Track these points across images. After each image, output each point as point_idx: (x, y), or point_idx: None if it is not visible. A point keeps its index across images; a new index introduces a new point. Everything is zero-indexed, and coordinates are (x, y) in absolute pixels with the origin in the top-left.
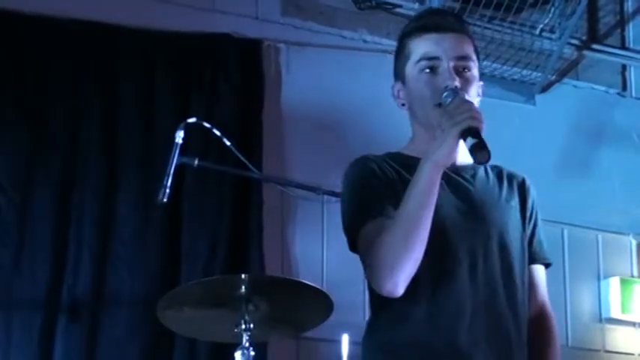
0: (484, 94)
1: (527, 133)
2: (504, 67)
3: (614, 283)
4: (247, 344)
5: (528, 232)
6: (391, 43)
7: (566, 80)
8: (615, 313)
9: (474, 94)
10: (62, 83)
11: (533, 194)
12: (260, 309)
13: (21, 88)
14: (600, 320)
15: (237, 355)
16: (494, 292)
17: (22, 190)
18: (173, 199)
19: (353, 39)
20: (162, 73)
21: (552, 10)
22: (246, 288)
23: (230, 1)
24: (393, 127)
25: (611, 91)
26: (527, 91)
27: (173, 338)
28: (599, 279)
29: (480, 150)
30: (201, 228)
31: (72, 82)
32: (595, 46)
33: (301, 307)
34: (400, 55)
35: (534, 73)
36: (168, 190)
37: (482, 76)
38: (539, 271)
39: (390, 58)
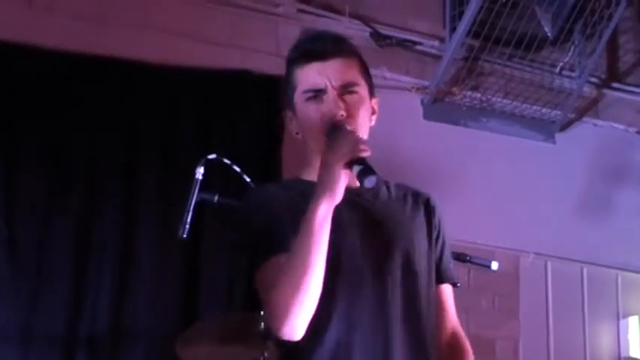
0: (504, 132)
1: (546, 171)
2: (524, 106)
3: (634, 322)
4: None
5: (437, 251)
6: (411, 80)
7: (585, 119)
8: (634, 352)
9: (365, 115)
10: (83, 119)
11: (439, 213)
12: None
13: (42, 123)
14: (619, 359)
15: None
16: (399, 316)
17: (41, 225)
18: (192, 235)
19: (374, 76)
20: (183, 109)
21: (572, 48)
22: (265, 324)
23: (250, 38)
24: (413, 161)
25: (631, 130)
26: (546, 129)
27: None
28: (618, 318)
29: (366, 175)
30: (220, 264)
31: (93, 118)
32: (615, 85)
33: None
34: (287, 83)
35: (554, 112)
36: (188, 226)
37: (502, 114)
38: (447, 291)
39: (410, 95)
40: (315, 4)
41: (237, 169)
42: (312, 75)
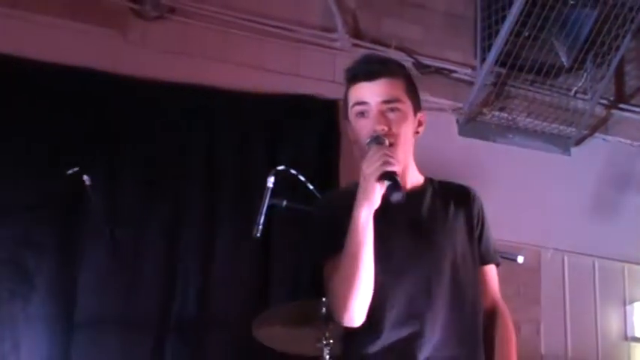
0: (527, 146)
1: (563, 179)
2: (544, 124)
3: (638, 307)
4: (327, 357)
5: (477, 237)
6: (448, 103)
7: (597, 135)
8: (639, 332)
9: (407, 128)
10: (172, 137)
11: (478, 204)
12: (338, 327)
13: (137, 143)
14: (626, 339)
15: None
16: (449, 310)
17: (137, 224)
18: (265, 234)
19: None
20: (256, 128)
21: (585, 75)
22: (326, 309)
23: (312, 68)
24: (450, 170)
25: (636, 144)
26: (563, 143)
27: (265, 352)
28: (624, 304)
29: (392, 191)
30: (287, 259)
31: (180, 137)
32: (622, 106)
33: None
34: (345, 99)
35: (569, 129)
36: (261, 227)
37: (525, 131)
38: (488, 271)
39: (447, 115)
40: (367, 39)
41: (302, 178)
42: (360, 93)
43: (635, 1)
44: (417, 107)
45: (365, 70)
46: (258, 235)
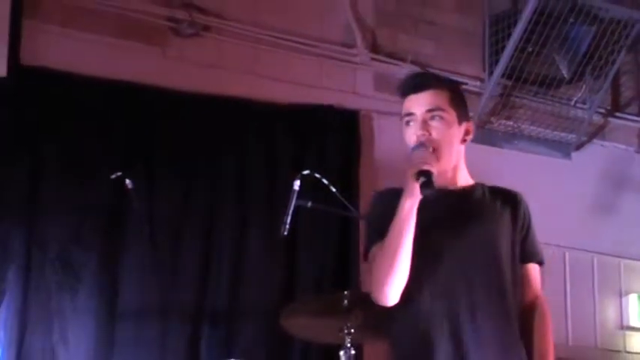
0: (531, 152)
1: (564, 182)
2: (546, 131)
3: (633, 298)
4: (349, 345)
5: (520, 236)
6: None
7: (595, 141)
8: (634, 321)
9: (450, 135)
10: (206, 147)
11: (524, 206)
12: (359, 317)
13: (175, 151)
14: (622, 327)
15: (341, 353)
16: (486, 293)
17: (173, 224)
18: (291, 233)
19: None
20: (283, 136)
21: (584, 86)
22: (348, 301)
23: (334, 80)
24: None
25: (630, 149)
26: (564, 149)
27: (291, 341)
28: (621, 295)
29: (423, 188)
30: (312, 255)
31: (213, 147)
32: (618, 114)
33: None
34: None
35: (570, 135)
36: (287, 226)
37: (529, 137)
38: (531, 269)
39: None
40: (384, 53)
41: (326, 181)
42: (408, 104)
43: (629, 18)
44: (463, 117)
45: (412, 84)
46: (285, 233)
